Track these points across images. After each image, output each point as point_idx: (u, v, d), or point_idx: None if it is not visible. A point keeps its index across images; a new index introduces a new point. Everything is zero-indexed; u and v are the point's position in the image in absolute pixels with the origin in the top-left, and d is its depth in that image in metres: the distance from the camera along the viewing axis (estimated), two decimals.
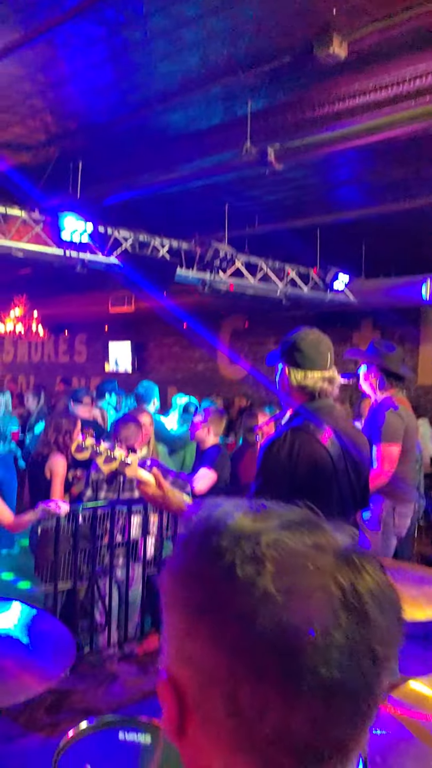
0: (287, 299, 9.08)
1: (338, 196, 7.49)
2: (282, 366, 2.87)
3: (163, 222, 8.10)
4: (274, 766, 0.56)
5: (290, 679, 0.55)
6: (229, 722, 0.57)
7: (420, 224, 8.18)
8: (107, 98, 5.25)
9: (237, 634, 0.57)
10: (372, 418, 4.42)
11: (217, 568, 0.59)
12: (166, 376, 14.88)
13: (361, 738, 0.59)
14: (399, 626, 0.61)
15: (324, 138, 4.89)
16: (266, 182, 6.85)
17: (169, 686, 0.61)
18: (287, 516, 0.64)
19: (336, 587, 0.57)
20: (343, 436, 2.81)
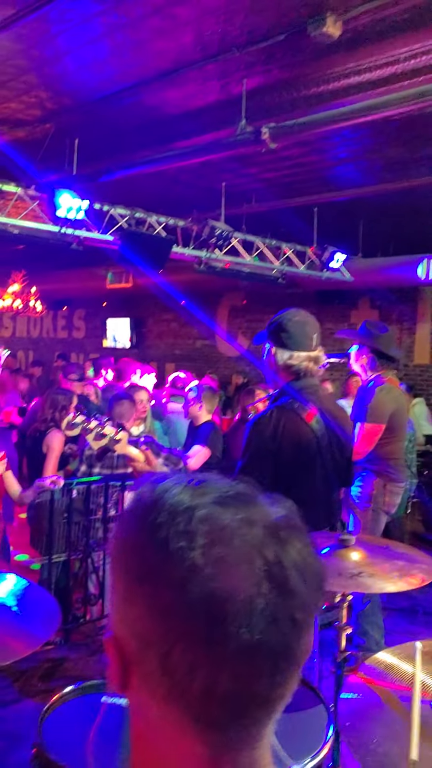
0: (283, 278, 9.10)
1: (336, 175, 7.47)
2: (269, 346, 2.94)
3: (160, 200, 8.09)
4: (205, 717, 0.63)
5: (216, 642, 0.61)
6: (163, 679, 0.63)
7: (417, 204, 8.18)
8: (102, 74, 5.24)
9: (169, 601, 0.63)
10: (361, 398, 4.49)
11: (153, 541, 0.65)
12: (165, 352, 14.93)
13: (284, 692, 0.66)
14: (319, 594, 0.68)
15: (318, 117, 4.89)
16: (263, 160, 6.83)
17: (113, 644, 0.68)
18: (223, 491, 0.68)
19: (261, 559, 0.63)
20: (327, 415, 2.89)
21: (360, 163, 7.01)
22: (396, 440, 4.47)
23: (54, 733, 1.93)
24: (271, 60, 4.81)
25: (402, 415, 4.51)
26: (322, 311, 12.20)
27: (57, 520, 4.95)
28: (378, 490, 4.47)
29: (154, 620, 0.64)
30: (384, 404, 4.36)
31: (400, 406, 4.49)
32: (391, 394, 4.42)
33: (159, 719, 0.65)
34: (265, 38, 4.46)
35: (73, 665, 4.54)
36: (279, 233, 8.97)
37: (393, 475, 4.48)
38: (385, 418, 4.35)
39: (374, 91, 4.62)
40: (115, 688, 0.68)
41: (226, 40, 4.55)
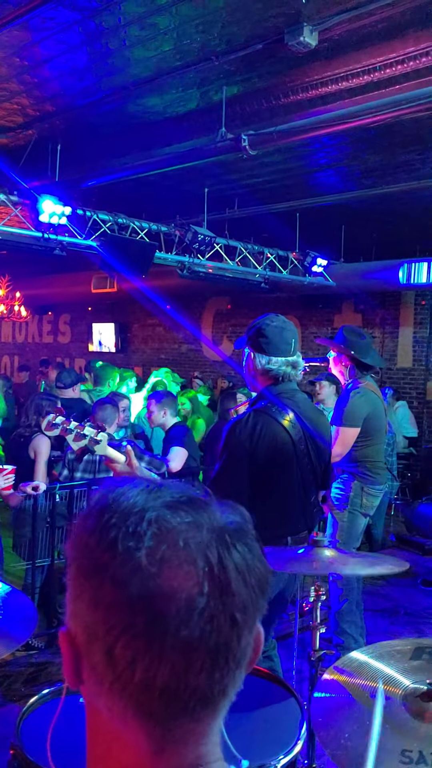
0: (266, 282, 9.17)
1: (316, 181, 7.55)
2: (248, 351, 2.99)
3: (143, 205, 8.14)
4: (145, 709, 0.66)
5: (156, 637, 0.65)
6: (108, 671, 0.67)
7: (397, 209, 8.28)
8: (84, 82, 5.28)
9: (113, 597, 0.66)
10: (339, 402, 4.56)
11: (103, 541, 0.69)
12: (150, 356, 14.95)
13: (225, 689, 0.69)
14: (261, 596, 0.71)
15: (297, 125, 4.95)
16: (245, 166, 6.90)
17: (66, 638, 0.72)
18: (176, 496, 0.72)
19: (204, 561, 0.67)
20: (305, 419, 2.93)
21: (340, 170, 7.09)
22: (373, 443, 4.53)
23: (32, 734, 1.96)
24: (250, 68, 4.87)
25: (378, 418, 4.55)
26: (305, 315, 12.31)
27: (40, 525, 4.97)
28: (355, 492, 4.51)
29: (100, 614, 0.67)
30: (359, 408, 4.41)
31: (376, 409, 4.53)
32: (366, 397, 4.47)
33: (107, 711, 0.69)
34: (243, 47, 4.52)
35: (57, 670, 4.55)
36: (262, 238, 9.04)
37: (371, 478, 4.53)
38: (359, 421, 4.40)
39: (351, 99, 4.69)
40: (70, 681, 0.72)
41: (205, 49, 4.61)
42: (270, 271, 9.05)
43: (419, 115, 5.16)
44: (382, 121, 4.66)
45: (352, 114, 4.65)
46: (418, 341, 11.33)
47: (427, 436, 10.91)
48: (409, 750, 1.72)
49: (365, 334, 4.70)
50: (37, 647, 4.80)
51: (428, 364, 11.24)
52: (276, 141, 5.11)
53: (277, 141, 5.11)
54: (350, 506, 4.54)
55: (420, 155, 6.42)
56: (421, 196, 7.55)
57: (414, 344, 11.38)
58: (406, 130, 5.71)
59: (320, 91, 4.78)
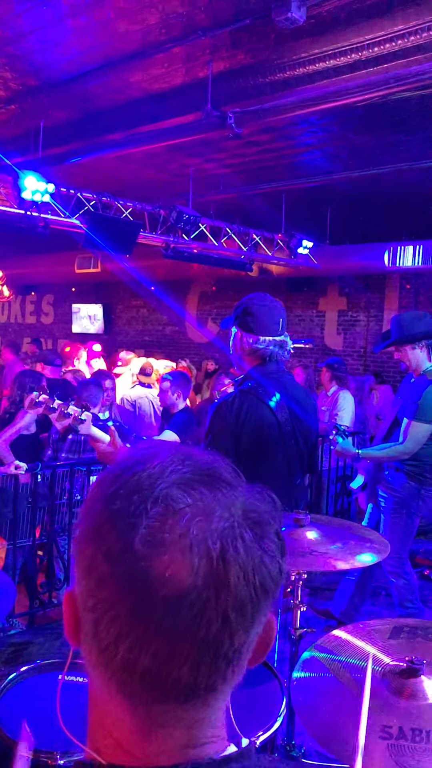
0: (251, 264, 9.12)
1: (303, 161, 7.50)
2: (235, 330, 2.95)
3: (128, 184, 8.05)
4: (127, 689, 0.64)
5: (140, 622, 0.62)
6: (94, 644, 0.65)
7: (383, 192, 8.25)
8: (67, 55, 5.18)
9: (103, 572, 0.64)
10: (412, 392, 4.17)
11: (106, 511, 0.66)
12: (134, 338, 14.87)
13: (213, 684, 0.65)
14: (265, 598, 0.66)
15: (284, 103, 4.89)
16: (231, 145, 6.83)
17: (68, 598, 0.69)
18: (197, 470, 0.68)
19: (204, 551, 0.62)
20: (292, 400, 2.91)
21: (326, 150, 7.04)
22: None
23: (10, 711, 1.94)
24: (237, 44, 4.80)
25: None
26: (291, 298, 12.28)
27: (21, 505, 4.94)
28: (412, 494, 4.21)
29: (91, 586, 0.65)
30: None
31: None
32: None
33: (97, 681, 0.67)
34: (230, 22, 4.45)
35: (37, 649, 4.54)
36: (247, 220, 8.98)
37: (429, 479, 4.23)
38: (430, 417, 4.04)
39: (339, 77, 4.63)
40: (69, 639, 0.70)
41: (191, 23, 4.53)
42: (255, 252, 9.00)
43: (407, 96, 5.13)
44: (370, 100, 4.62)
45: (340, 92, 4.60)
46: None
47: None
48: (389, 726, 1.72)
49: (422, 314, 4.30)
50: (18, 627, 4.78)
51: None
52: (262, 119, 5.05)
53: (263, 119, 5.05)
54: (406, 508, 4.24)
55: (407, 137, 6.39)
56: (407, 179, 7.52)
57: None
58: (394, 111, 5.67)
59: (308, 69, 4.72)
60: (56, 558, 5.16)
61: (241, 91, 5.07)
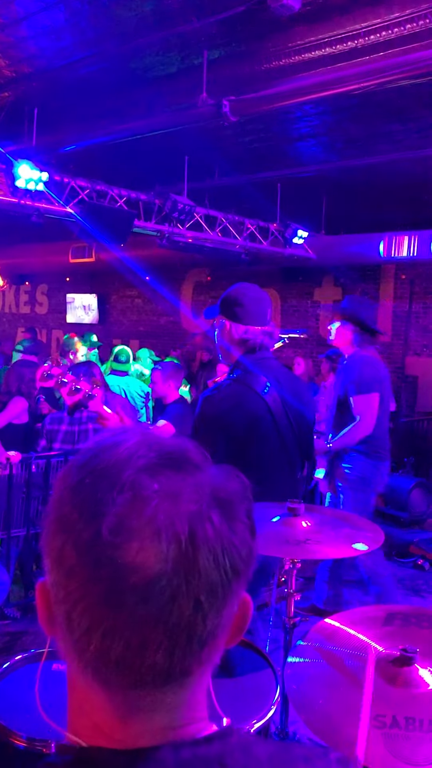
0: (246, 254, 9.10)
1: (298, 150, 7.46)
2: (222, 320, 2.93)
3: (122, 173, 8.00)
4: (102, 677, 0.64)
5: (111, 611, 0.61)
6: (67, 634, 0.64)
7: (378, 181, 8.22)
8: (61, 42, 5.14)
9: (72, 562, 0.63)
10: (346, 372, 4.38)
11: (74, 499, 0.65)
12: (129, 328, 14.83)
13: (188, 667, 0.65)
14: (236, 579, 0.65)
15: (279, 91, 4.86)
16: (226, 134, 6.80)
17: (41, 588, 0.69)
18: (165, 454, 0.67)
19: (171, 537, 0.61)
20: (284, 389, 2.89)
21: (322, 140, 7.01)
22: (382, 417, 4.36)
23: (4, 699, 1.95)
24: (232, 32, 4.76)
25: (385, 392, 4.38)
26: (285, 288, 12.25)
27: (15, 495, 4.93)
28: (369, 470, 4.35)
29: (61, 576, 0.64)
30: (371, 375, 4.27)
31: (385, 381, 4.38)
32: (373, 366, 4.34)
33: (73, 668, 0.66)
34: (225, 9, 4.41)
35: (32, 639, 4.54)
36: (242, 209, 8.95)
37: (381, 454, 4.39)
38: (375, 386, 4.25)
39: (334, 65, 4.60)
40: (44, 628, 0.69)
41: (186, 10, 4.49)
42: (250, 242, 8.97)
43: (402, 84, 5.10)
44: (366, 88, 4.59)
45: (335, 81, 4.57)
46: (397, 316, 11.34)
47: (404, 411, 10.99)
48: (383, 714, 1.73)
49: (371, 303, 4.59)
50: (12, 617, 4.79)
51: (407, 338, 11.28)
52: (258, 107, 5.02)
53: (258, 107, 5.02)
54: (363, 484, 4.37)
55: (402, 126, 6.36)
56: (403, 168, 7.49)
57: (394, 319, 11.40)
58: (389, 100, 5.64)
59: (303, 57, 4.69)
60: None
61: (237, 79, 5.04)
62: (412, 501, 7.20)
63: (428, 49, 4.12)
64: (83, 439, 5.07)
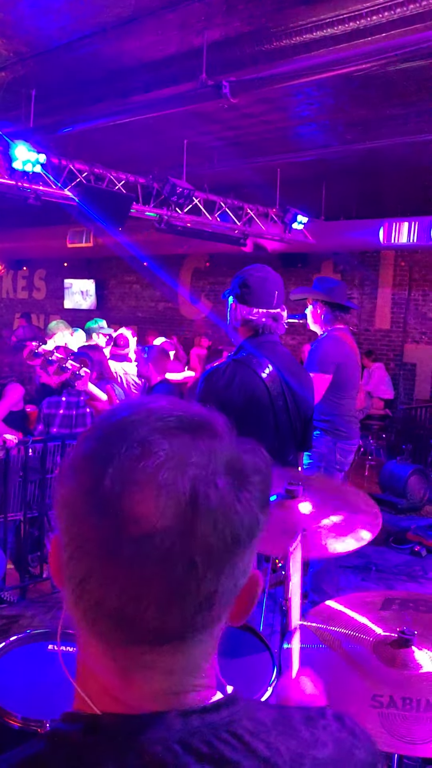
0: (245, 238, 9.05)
1: (298, 134, 7.40)
2: (231, 301, 2.93)
3: (121, 156, 7.94)
4: (98, 629, 0.65)
5: (105, 560, 0.62)
6: (69, 583, 0.66)
7: (378, 167, 8.17)
8: (59, 21, 5.07)
9: (76, 507, 0.64)
10: (312, 351, 4.50)
11: (85, 450, 0.67)
12: (127, 314, 14.80)
13: (181, 631, 0.64)
14: (235, 547, 0.65)
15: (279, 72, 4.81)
16: (225, 117, 6.74)
17: (54, 539, 0.69)
18: (184, 419, 0.68)
19: (173, 494, 0.62)
20: (285, 373, 2.88)
21: (322, 123, 6.95)
22: (344, 396, 4.46)
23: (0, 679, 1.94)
24: (232, 11, 4.70)
25: (350, 370, 4.46)
26: (285, 275, 12.07)
27: (12, 479, 4.92)
28: (329, 448, 4.44)
29: (66, 522, 0.66)
30: (330, 355, 4.34)
31: (349, 361, 4.44)
32: (337, 345, 4.40)
33: (76, 621, 0.67)
34: None
35: (29, 622, 4.55)
36: (241, 194, 8.89)
37: (344, 432, 4.48)
38: (330, 367, 4.32)
39: (336, 46, 4.54)
40: (55, 580, 0.70)
41: None
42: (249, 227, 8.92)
43: (405, 67, 5.06)
44: (368, 70, 4.55)
45: (337, 62, 4.53)
46: (396, 302, 11.32)
47: (402, 398, 10.99)
48: (380, 695, 1.73)
49: (339, 281, 4.67)
50: (9, 600, 4.79)
51: (406, 326, 11.26)
52: (258, 88, 4.97)
53: (259, 88, 4.97)
54: (325, 463, 4.52)
55: (404, 110, 6.30)
56: (403, 154, 7.45)
57: (393, 305, 11.37)
58: (391, 83, 5.59)
59: (304, 38, 4.64)
60: (47, 532, 5.16)
61: (237, 60, 4.98)
62: (410, 488, 7.21)
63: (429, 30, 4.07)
64: (81, 423, 5.05)
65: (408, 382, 11.28)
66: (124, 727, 0.64)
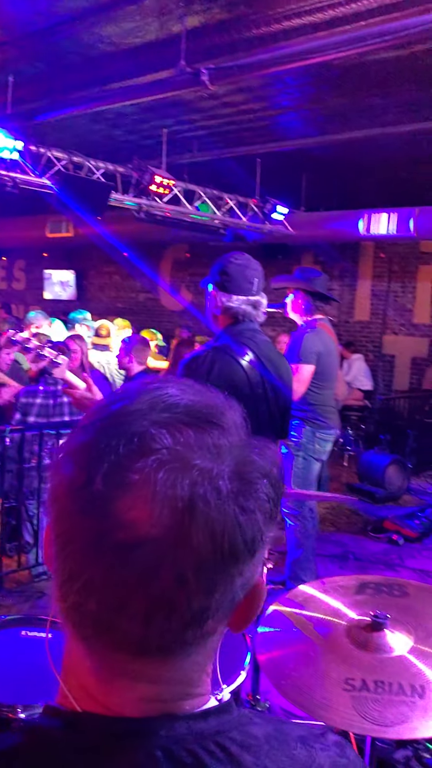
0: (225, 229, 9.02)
1: (278, 124, 7.38)
2: (210, 288, 2.92)
3: (99, 145, 7.87)
4: (81, 632, 0.61)
5: (90, 563, 0.58)
6: (57, 577, 0.62)
7: (358, 157, 8.18)
8: (36, 6, 5.00)
9: (65, 503, 0.60)
10: (293, 342, 4.53)
11: (80, 441, 0.62)
12: (107, 305, 14.71)
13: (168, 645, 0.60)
14: (233, 564, 0.60)
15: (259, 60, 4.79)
16: (205, 106, 6.70)
17: (48, 527, 0.65)
18: (192, 411, 0.62)
19: (169, 502, 0.57)
20: (264, 361, 2.88)
21: (302, 113, 6.93)
22: (324, 386, 4.51)
23: None
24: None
25: (330, 361, 4.53)
26: (265, 266, 11.93)
27: None
28: (308, 437, 4.50)
29: (56, 515, 0.62)
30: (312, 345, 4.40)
31: (329, 351, 4.51)
32: (319, 336, 4.46)
33: (60, 617, 0.64)
34: None
35: (6, 611, 4.53)
36: (221, 184, 8.86)
37: (322, 422, 4.53)
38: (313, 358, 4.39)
39: (315, 34, 4.54)
40: (48, 566, 0.66)
41: None
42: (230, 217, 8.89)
43: (383, 56, 5.06)
44: (346, 59, 4.55)
45: (316, 49, 4.51)
46: (375, 294, 11.37)
47: (381, 389, 11.05)
48: (353, 678, 1.74)
49: (321, 272, 4.71)
50: None
51: (385, 317, 11.31)
52: (237, 76, 4.95)
53: (238, 76, 4.95)
54: (304, 452, 4.53)
55: (383, 100, 6.31)
56: (383, 144, 7.46)
57: (372, 297, 11.42)
58: (370, 73, 5.59)
59: (284, 26, 4.62)
60: (25, 522, 5.13)
61: (216, 48, 4.95)
62: (388, 477, 7.26)
63: (408, 18, 4.07)
64: (58, 413, 5.02)
65: (387, 374, 11.34)
66: (106, 729, 0.61)
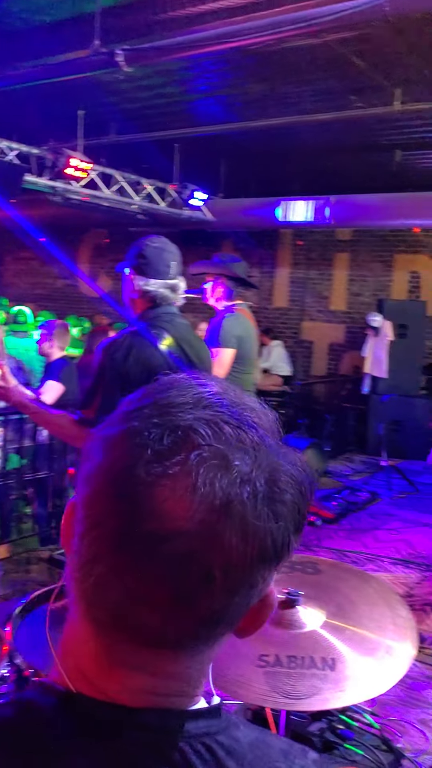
0: (143, 213, 8.95)
1: (197, 109, 7.36)
2: (127, 272, 2.88)
3: (13, 126, 7.63)
4: (93, 613, 0.60)
5: (118, 550, 0.57)
6: (75, 557, 0.61)
7: (276, 145, 8.25)
8: None
9: (100, 485, 0.59)
10: (212, 327, 4.54)
11: (123, 424, 0.61)
12: (24, 291, 14.36)
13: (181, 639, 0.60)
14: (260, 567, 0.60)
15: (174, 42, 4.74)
16: (123, 88, 6.60)
17: (71, 505, 0.64)
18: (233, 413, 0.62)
19: (205, 496, 0.56)
20: (184, 345, 2.87)
21: (221, 98, 6.93)
22: (244, 371, 4.54)
23: None
24: None
25: (250, 345, 4.55)
26: (185, 252, 11.88)
27: None
28: None
29: (86, 496, 0.60)
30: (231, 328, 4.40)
31: (249, 335, 4.52)
32: (238, 320, 4.46)
33: (73, 595, 0.63)
34: None
35: None
36: (140, 169, 8.77)
37: None
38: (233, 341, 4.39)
39: (231, 19, 4.53)
40: (63, 544, 0.65)
41: None
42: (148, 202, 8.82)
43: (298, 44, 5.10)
44: (262, 44, 4.55)
45: (232, 34, 4.51)
46: (294, 281, 11.55)
47: (300, 375, 11.26)
48: (266, 654, 1.77)
49: (240, 258, 4.74)
50: None
51: (303, 304, 11.51)
52: (153, 58, 4.88)
53: (154, 58, 4.89)
54: None
55: (298, 88, 6.38)
56: (299, 132, 7.56)
57: (290, 284, 11.59)
58: (285, 61, 5.63)
59: (200, 9, 4.61)
60: None
61: (131, 28, 4.89)
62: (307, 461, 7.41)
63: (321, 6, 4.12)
64: None
65: (305, 359, 11.56)
66: (99, 714, 0.61)
